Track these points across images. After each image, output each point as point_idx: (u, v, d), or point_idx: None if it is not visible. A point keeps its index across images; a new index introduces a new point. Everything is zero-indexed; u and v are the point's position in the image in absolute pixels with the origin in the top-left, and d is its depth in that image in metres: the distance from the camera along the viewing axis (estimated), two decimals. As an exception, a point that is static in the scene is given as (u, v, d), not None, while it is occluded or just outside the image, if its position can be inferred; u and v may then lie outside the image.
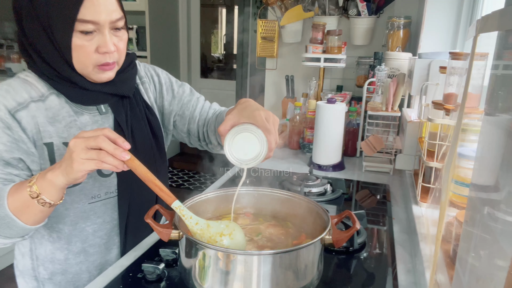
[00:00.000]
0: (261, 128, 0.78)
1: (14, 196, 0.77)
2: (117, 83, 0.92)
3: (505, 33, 0.53)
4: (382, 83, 1.64)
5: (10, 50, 4.09)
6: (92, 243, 0.97)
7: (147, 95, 1.05)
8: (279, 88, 2.43)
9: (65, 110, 0.89)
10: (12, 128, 0.82)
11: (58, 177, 0.74)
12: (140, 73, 1.06)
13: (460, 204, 0.87)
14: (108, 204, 0.96)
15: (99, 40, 0.82)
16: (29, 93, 0.86)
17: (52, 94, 0.88)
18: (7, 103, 0.82)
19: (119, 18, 0.84)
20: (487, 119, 0.58)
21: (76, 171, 0.72)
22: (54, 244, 0.96)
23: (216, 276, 0.70)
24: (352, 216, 0.81)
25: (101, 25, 0.81)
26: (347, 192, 1.41)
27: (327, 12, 2.09)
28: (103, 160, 0.71)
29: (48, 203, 0.77)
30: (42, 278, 0.99)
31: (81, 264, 0.98)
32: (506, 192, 0.46)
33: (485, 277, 0.50)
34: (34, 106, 0.85)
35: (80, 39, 0.81)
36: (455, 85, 0.99)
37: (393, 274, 0.90)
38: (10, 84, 0.86)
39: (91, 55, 0.83)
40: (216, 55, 5.25)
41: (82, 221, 0.94)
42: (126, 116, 0.97)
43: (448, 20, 1.65)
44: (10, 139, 0.82)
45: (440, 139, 1.03)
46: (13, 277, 1.04)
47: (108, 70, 0.87)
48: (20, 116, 0.83)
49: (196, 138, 1.11)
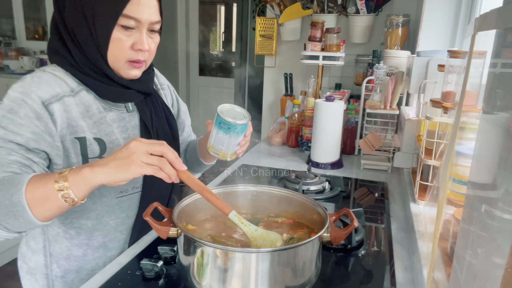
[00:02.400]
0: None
1: (36, 185, 0.73)
2: (143, 81, 0.96)
3: (504, 32, 0.53)
4: (380, 81, 1.64)
5: (8, 47, 4.07)
6: (113, 237, 0.98)
7: (166, 100, 1.11)
8: (277, 86, 2.43)
9: (95, 106, 0.91)
10: (43, 119, 0.82)
11: (98, 175, 0.72)
12: (160, 79, 1.12)
13: (457, 202, 0.87)
14: (133, 199, 0.98)
15: (136, 37, 0.86)
16: (61, 87, 0.86)
17: (82, 90, 0.89)
18: (41, 93, 0.82)
19: (157, 21, 0.89)
20: (485, 117, 0.58)
21: (132, 173, 0.71)
22: (72, 241, 0.96)
23: (214, 273, 0.70)
24: (350, 214, 0.81)
25: (141, 24, 0.85)
26: (345, 190, 1.41)
27: (325, 10, 2.09)
28: (162, 167, 0.73)
29: (72, 199, 0.74)
30: (54, 276, 0.98)
31: (99, 259, 0.99)
32: (504, 190, 0.47)
33: (482, 275, 0.50)
34: (67, 101, 0.86)
35: (120, 32, 0.85)
36: (453, 83, 0.99)
37: (391, 272, 0.91)
38: (41, 77, 0.85)
39: (126, 50, 0.87)
40: (215, 52, 5.24)
41: (107, 215, 0.96)
42: (150, 115, 1.01)
43: (446, 18, 1.65)
44: (38, 130, 0.81)
45: (438, 137, 1.03)
46: (12, 274, 1.04)
47: (137, 68, 0.91)
48: (53, 109, 0.83)
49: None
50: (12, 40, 4.20)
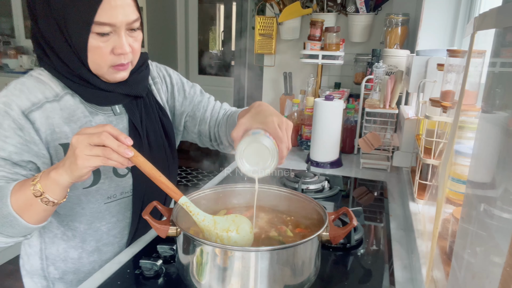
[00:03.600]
0: (273, 135, 0.78)
1: (17, 195, 0.76)
2: (131, 83, 0.92)
3: (503, 31, 0.53)
4: (380, 80, 1.64)
5: (6, 46, 4.06)
6: (106, 241, 0.98)
7: (159, 96, 1.06)
8: (277, 85, 2.42)
9: (80, 110, 0.88)
10: (25, 129, 0.81)
11: (62, 175, 0.73)
12: (153, 73, 1.06)
13: (456, 201, 0.88)
14: (123, 203, 0.97)
15: (115, 41, 0.82)
16: (44, 93, 0.84)
17: (67, 94, 0.87)
18: (21, 103, 0.81)
19: (135, 19, 0.83)
20: (484, 117, 0.58)
21: (81, 168, 0.71)
22: (68, 243, 0.96)
23: (213, 272, 0.70)
24: (349, 212, 0.81)
25: (117, 27, 0.80)
26: (345, 189, 1.41)
27: (325, 9, 2.09)
28: (108, 157, 0.70)
29: (52, 201, 0.76)
30: (52, 278, 0.99)
31: (94, 263, 0.98)
32: (502, 189, 0.47)
33: (481, 274, 0.50)
34: (49, 107, 0.84)
35: (96, 40, 0.80)
36: (452, 83, 0.99)
37: (390, 271, 0.91)
38: (24, 84, 0.84)
39: (106, 56, 0.82)
40: (214, 51, 5.23)
41: (98, 220, 0.95)
42: (140, 116, 0.97)
43: (446, 17, 1.65)
44: (22, 141, 0.81)
45: (437, 136, 1.04)
46: (11, 273, 1.05)
47: (122, 70, 0.87)
48: (34, 117, 0.82)
49: (208, 138, 1.11)
50: (11, 39, 4.19)
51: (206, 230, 0.78)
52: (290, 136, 0.82)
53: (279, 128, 0.79)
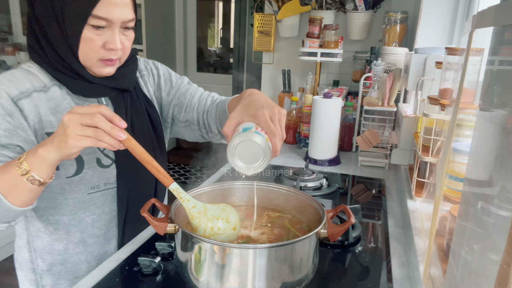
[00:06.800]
0: (265, 129, 0.77)
1: (2, 175, 0.76)
2: (117, 77, 0.94)
3: (501, 29, 0.53)
4: (378, 78, 1.64)
5: (4, 43, 4.05)
6: (91, 233, 0.98)
7: (146, 88, 1.07)
8: (275, 83, 2.42)
9: (66, 101, 0.90)
10: (14, 115, 0.83)
11: (50, 152, 0.73)
12: (140, 66, 1.07)
13: (454, 198, 0.88)
14: (107, 195, 0.97)
15: (108, 36, 0.84)
16: (32, 83, 0.87)
17: (54, 85, 0.89)
18: (9, 91, 0.84)
19: (131, 19, 0.87)
20: (482, 115, 0.58)
21: (71, 147, 0.70)
22: (52, 236, 0.96)
23: (212, 269, 0.70)
24: (347, 210, 0.82)
25: (113, 23, 0.83)
26: (343, 187, 1.41)
27: (324, 6, 2.09)
28: (100, 138, 0.70)
29: (38, 180, 0.75)
30: (40, 271, 0.99)
31: (80, 254, 0.99)
32: (500, 187, 0.47)
33: (478, 271, 0.51)
34: (37, 96, 0.86)
35: (90, 32, 0.83)
36: (450, 80, 0.99)
37: (388, 268, 0.91)
38: (13, 74, 0.87)
39: (97, 50, 0.85)
40: (213, 49, 5.22)
41: (81, 211, 0.95)
42: (126, 109, 0.98)
43: (444, 15, 1.65)
44: (10, 126, 0.82)
45: (435, 134, 1.04)
46: (9, 270, 1.05)
47: (110, 66, 0.89)
48: (22, 105, 0.84)
49: (196, 126, 1.09)
50: (9, 36, 4.17)
51: (196, 217, 0.78)
52: (283, 126, 0.80)
53: (271, 121, 0.77)
